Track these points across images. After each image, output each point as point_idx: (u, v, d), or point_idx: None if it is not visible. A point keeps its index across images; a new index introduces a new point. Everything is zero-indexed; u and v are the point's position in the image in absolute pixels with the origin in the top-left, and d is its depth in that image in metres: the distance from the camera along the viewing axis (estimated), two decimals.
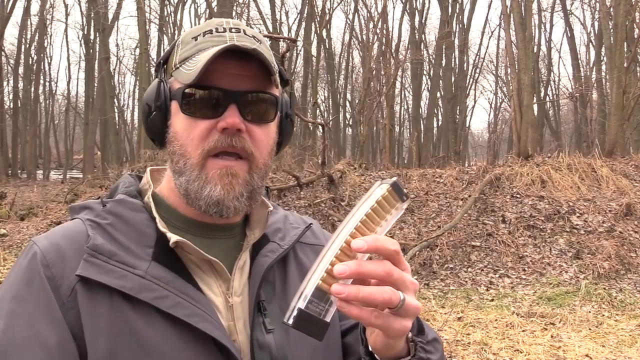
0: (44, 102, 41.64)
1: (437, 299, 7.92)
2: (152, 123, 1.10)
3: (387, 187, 0.84)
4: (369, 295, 0.81)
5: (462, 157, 31.68)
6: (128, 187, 1.16)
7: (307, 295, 0.81)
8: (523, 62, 15.77)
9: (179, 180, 1.07)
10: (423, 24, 36.72)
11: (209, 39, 1.08)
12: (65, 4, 38.73)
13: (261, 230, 1.16)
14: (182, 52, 1.10)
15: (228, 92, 1.04)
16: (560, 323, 6.85)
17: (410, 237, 10.16)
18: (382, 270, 0.83)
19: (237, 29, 1.11)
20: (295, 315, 0.81)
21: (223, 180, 1.05)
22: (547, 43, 38.58)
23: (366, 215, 0.83)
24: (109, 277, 0.98)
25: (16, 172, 34.40)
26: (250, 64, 1.04)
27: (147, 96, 1.11)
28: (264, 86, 1.07)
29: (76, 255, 1.01)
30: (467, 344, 6.13)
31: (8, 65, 37.57)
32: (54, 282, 0.98)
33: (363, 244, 0.80)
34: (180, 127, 1.07)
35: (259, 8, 36.87)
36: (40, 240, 1.05)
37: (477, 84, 42.61)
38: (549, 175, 11.63)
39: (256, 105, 1.07)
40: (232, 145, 1.04)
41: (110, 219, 1.07)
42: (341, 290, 0.80)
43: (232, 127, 1.03)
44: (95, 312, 0.97)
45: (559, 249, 9.58)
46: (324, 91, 44.62)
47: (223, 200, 1.05)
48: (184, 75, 1.06)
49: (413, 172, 12.90)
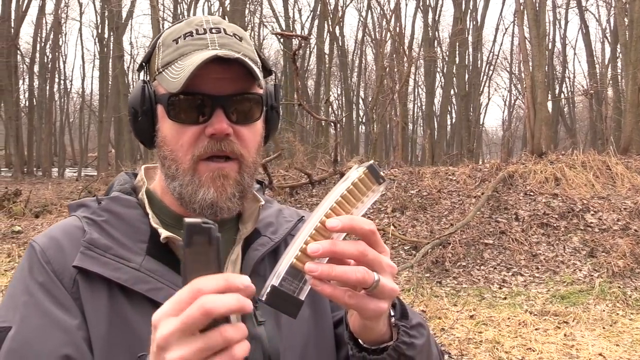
0: (59, 100, 41.87)
1: (450, 297, 7.89)
2: (140, 126, 1.12)
3: (364, 169, 0.84)
4: (342, 274, 0.81)
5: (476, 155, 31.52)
6: (123, 184, 1.19)
7: (281, 273, 0.82)
8: (537, 58, 15.66)
9: (172, 184, 1.10)
10: (436, 21, 36.59)
11: (190, 42, 1.09)
12: (79, 3, 38.87)
13: (253, 224, 1.17)
14: (164, 55, 1.11)
15: (213, 97, 1.05)
16: (573, 322, 6.81)
17: (422, 234, 10.13)
18: (356, 250, 0.82)
19: (218, 29, 1.11)
20: (269, 292, 0.82)
21: (215, 183, 1.07)
22: (562, 40, 38.32)
23: (342, 196, 0.83)
24: (104, 269, 1.02)
25: (32, 169, 34.67)
26: (232, 66, 1.05)
27: (132, 100, 1.12)
28: (248, 87, 1.09)
29: (74, 249, 1.05)
30: (479, 342, 6.11)
31: (24, 64, 37.90)
32: (57, 275, 1.03)
33: (338, 223, 0.80)
34: (169, 132, 1.09)
35: (272, 6, 36.99)
36: (39, 238, 1.10)
37: (491, 81, 42.47)
38: (563, 172, 11.54)
39: (241, 107, 1.09)
40: (221, 149, 1.06)
41: (106, 216, 1.10)
42: (314, 268, 0.80)
43: (219, 133, 1.05)
44: (96, 302, 1.01)
45: (572, 247, 9.51)
46: (337, 89, 44.64)
47: (217, 202, 1.07)
48: (169, 82, 1.06)
49: (425, 170, 12.85)
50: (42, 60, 36.38)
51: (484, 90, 40.37)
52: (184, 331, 0.72)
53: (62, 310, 1.00)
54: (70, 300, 1.01)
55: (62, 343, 0.97)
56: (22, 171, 31.07)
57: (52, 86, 36.59)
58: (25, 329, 0.97)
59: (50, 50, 36.58)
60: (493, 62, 41.41)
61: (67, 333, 0.98)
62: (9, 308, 1.02)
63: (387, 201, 11.40)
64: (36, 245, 1.07)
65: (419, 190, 11.72)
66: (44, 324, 0.98)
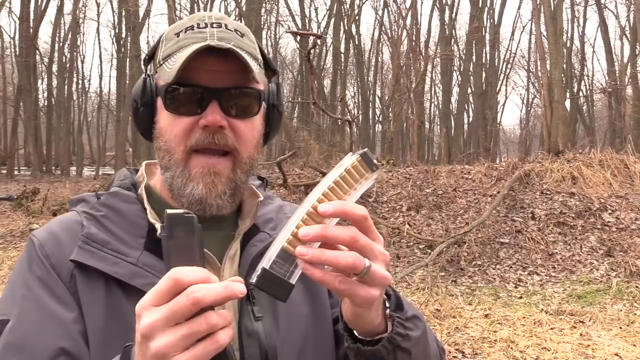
0: (77, 100, 42.21)
1: (465, 296, 7.87)
2: (140, 118, 1.13)
3: (357, 157, 0.84)
4: (332, 259, 0.80)
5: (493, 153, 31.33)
6: (123, 180, 1.20)
7: (272, 257, 0.82)
8: (554, 56, 15.53)
9: (165, 175, 1.10)
10: (453, 19, 36.42)
11: (189, 36, 1.10)
12: (97, 3, 39.11)
13: (251, 220, 1.17)
14: (166, 48, 1.12)
15: (208, 89, 1.05)
16: (590, 321, 6.76)
17: (437, 233, 10.11)
18: (347, 235, 0.82)
19: (219, 24, 1.12)
20: (259, 275, 0.82)
21: (205, 179, 1.07)
22: (581, 37, 37.93)
23: (334, 182, 0.83)
24: (102, 263, 1.03)
25: (50, 168, 35.04)
26: (230, 59, 1.05)
27: (134, 92, 1.13)
28: (246, 81, 1.08)
29: (72, 243, 1.06)
30: (493, 341, 6.08)
31: (42, 64, 38.27)
32: (55, 269, 1.04)
33: (329, 208, 0.80)
34: (165, 123, 1.09)
35: (288, 5, 36.98)
36: (38, 233, 1.11)
37: (508, 79, 42.18)
38: (580, 171, 11.45)
39: (238, 100, 1.08)
40: (214, 142, 1.06)
41: (104, 211, 1.11)
42: (305, 252, 0.80)
43: (213, 125, 1.05)
44: (93, 296, 1.02)
45: (589, 247, 9.45)
46: (354, 88, 44.60)
47: (205, 199, 1.07)
48: (166, 73, 1.07)
49: (441, 169, 12.82)
50: (61, 60, 36.63)
51: (502, 89, 40.15)
52: (169, 320, 0.74)
53: (59, 303, 1.01)
54: (68, 294, 1.02)
55: (58, 336, 0.97)
56: (40, 170, 31.41)
57: (70, 86, 36.92)
58: (22, 322, 0.99)
59: (69, 50, 36.92)
60: (511, 61, 41.18)
61: (63, 326, 0.99)
62: (8, 301, 1.03)
63: (402, 200, 11.39)
64: (35, 240, 1.08)
65: (435, 189, 11.69)
66: (41, 317, 0.99)
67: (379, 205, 11.32)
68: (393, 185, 12.16)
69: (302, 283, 1.15)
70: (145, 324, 0.75)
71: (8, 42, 38.45)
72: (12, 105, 35.54)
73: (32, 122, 31.87)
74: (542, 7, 16.82)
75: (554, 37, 15.63)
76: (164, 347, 0.74)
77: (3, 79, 37.55)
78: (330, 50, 37.91)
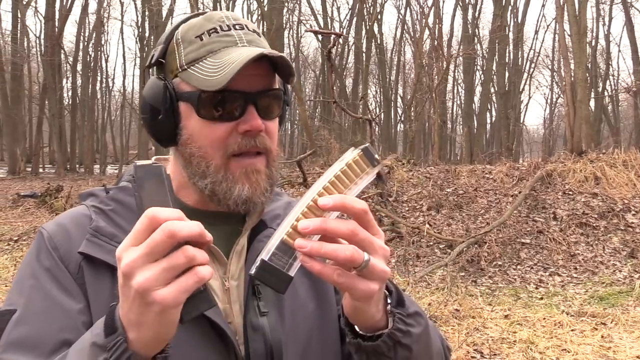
0: (101, 99, 42.57)
1: (484, 297, 7.81)
2: (160, 126, 1.11)
3: (358, 151, 0.85)
4: (331, 252, 0.81)
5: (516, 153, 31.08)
6: (132, 174, 1.19)
7: (271, 249, 0.82)
8: (577, 55, 15.34)
9: (202, 182, 1.09)
10: (476, 18, 36.19)
11: (216, 39, 1.08)
12: (121, 2, 39.47)
13: (258, 215, 1.17)
14: (188, 52, 1.09)
15: (245, 94, 1.05)
16: (611, 323, 6.66)
17: (458, 233, 10.05)
18: (347, 229, 0.83)
19: (241, 25, 1.11)
20: (258, 266, 0.82)
21: (250, 179, 1.08)
22: (606, 36, 37.44)
23: (335, 176, 0.84)
24: (109, 255, 1.02)
25: (74, 166, 35.47)
26: (262, 63, 1.05)
27: (152, 98, 1.11)
28: (271, 82, 1.10)
29: (81, 236, 1.07)
30: (512, 342, 6.03)
31: (67, 63, 38.76)
32: (63, 261, 1.05)
33: (329, 201, 0.81)
34: (197, 129, 1.08)
35: (310, 4, 37.06)
36: (48, 225, 1.12)
37: (532, 79, 41.80)
38: (603, 171, 11.30)
39: (268, 102, 1.09)
40: (255, 145, 1.07)
41: (113, 205, 1.12)
42: (304, 245, 0.81)
43: (255, 130, 1.06)
44: (99, 287, 1.03)
45: (612, 248, 9.32)
46: (375, 87, 44.53)
47: (251, 198, 1.08)
48: (200, 80, 1.05)
49: (462, 168, 12.74)
50: (85, 59, 37.06)
51: (525, 88, 39.79)
52: (148, 255, 0.75)
53: (66, 294, 1.02)
54: (75, 286, 1.03)
55: (63, 327, 0.98)
56: (65, 168, 31.80)
57: (94, 84, 37.27)
58: (28, 312, 1.00)
59: (93, 49, 37.31)
60: (534, 60, 40.80)
61: (69, 317, 0.99)
62: (16, 292, 1.05)
63: (422, 199, 11.34)
64: (45, 232, 1.10)
65: (455, 188, 11.62)
66: (46, 308, 1.00)
67: (399, 205, 11.28)
68: (413, 184, 12.11)
69: (308, 279, 1.16)
70: (126, 262, 0.77)
71: (34, 42, 39.13)
72: (37, 104, 36.13)
73: (57, 121, 32.28)
74: (565, 5, 16.63)
75: (578, 36, 15.44)
76: (145, 281, 0.75)
77: (29, 78, 38.15)
78: (352, 50, 37.89)
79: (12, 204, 15.94)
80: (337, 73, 31.89)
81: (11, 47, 31.62)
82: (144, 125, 1.17)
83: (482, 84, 36.32)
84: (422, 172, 12.80)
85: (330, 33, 12.11)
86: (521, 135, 39.62)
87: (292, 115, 43.96)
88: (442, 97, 27.50)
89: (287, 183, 11.63)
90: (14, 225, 12.60)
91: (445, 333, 6.13)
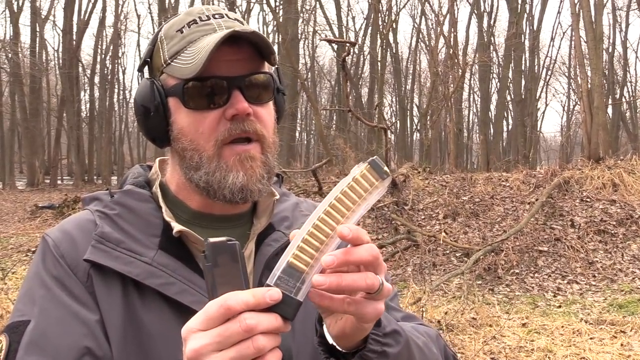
0: (119, 110, 43.07)
1: (502, 305, 7.75)
2: (152, 124, 1.10)
3: (365, 165, 0.80)
4: (352, 283, 0.78)
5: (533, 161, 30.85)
6: (136, 177, 1.18)
7: (277, 273, 0.78)
8: (593, 62, 15.25)
9: (196, 174, 1.07)
10: (492, 26, 36.08)
11: (196, 30, 1.08)
12: (137, 15, 40.22)
13: (267, 219, 1.15)
14: (170, 46, 1.09)
15: (228, 78, 1.04)
16: (631, 331, 6.57)
17: (474, 241, 9.99)
18: (370, 255, 0.79)
19: (220, 15, 1.10)
20: None
21: (244, 166, 1.05)
22: (623, 43, 37.21)
23: (342, 193, 0.79)
24: (116, 262, 1.01)
25: (92, 177, 35.74)
26: (242, 47, 1.04)
27: (141, 97, 1.10)
28: (258, 66, 1.08)
29: (86, 242, 1.04)
30: (530, 351, 5.97)
31: (85, 76, 39.21)
32: (71, 269, 1.03)
33: (333, 260, 0.77)
34: (186, 122, 1.07)
35: (325, 14, 37.16)
36: (51, 232, 1.09)
37: (548, 86, 41.56)
38: (622, 178, 11.19)
39: (256, 87, 1.07)
40: (244, 130, 1.05)
41: (118, 209, 1.09)
42: (322, 282, 0.77)
43: (242, 113, 1.04)
44: (111, 296, 1.01)
45: (631, 255, 9.22)
46: (391, 96, 44.50)
47: (247, 185, 1.05)
48: (181, 69, 1.05)
49: (478, 176, 12.68)
50: (103, 72, 37.45)
51: (542, 96, 39.56)
52: (219, 344, 0.73)
53: (78, 303, 0.99)
54: (86, 294, 1.00)
55: (82, 335, 0.96)
56: (82, 179, 32.09)
57: (111, 96, 37.69)
58: (43, 322, 0.97)
59: (110, 62, 37.71)
60: (551, 67, 40.58)
61: (86, 326, 0.97)
62: (26, 302, 1.01)
63: (438, 207, 11.30)
64: (49, 239, 1.06)
65: (471, 196, 11.56)
66: (62, 316, 0.98)
67: (415, 213, 11.24)
68: (429, 192, 12.07)
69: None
70: (194, 347, 0.74)
71: (52, 55, 39.64)
72: (55, 116, 36.53)
73: (75, 133, 32.64)
74: (581, 12, 16.54)
75: (594, 43, 15.35)
76: None
77: (47, 90, 38.59)
78: (368, 59, 37.92)
79: (30, 215, 16.12)
80: (353, 82, 31.93)
81: (30, 60, 32.01)
82: (139, 127, 1.15)
83: (498, 92, 36.13)
84: (438, 180, 12.76)
85: (344, 41, 12.15)
86: (538, 143, 39.33)
87: (307, 125, 44.16)
88: (458, 105, 27.40)
89: (302, 192, 11.64)
90: (32, 237, 12.71)
91: (462, 342, 6.09)
